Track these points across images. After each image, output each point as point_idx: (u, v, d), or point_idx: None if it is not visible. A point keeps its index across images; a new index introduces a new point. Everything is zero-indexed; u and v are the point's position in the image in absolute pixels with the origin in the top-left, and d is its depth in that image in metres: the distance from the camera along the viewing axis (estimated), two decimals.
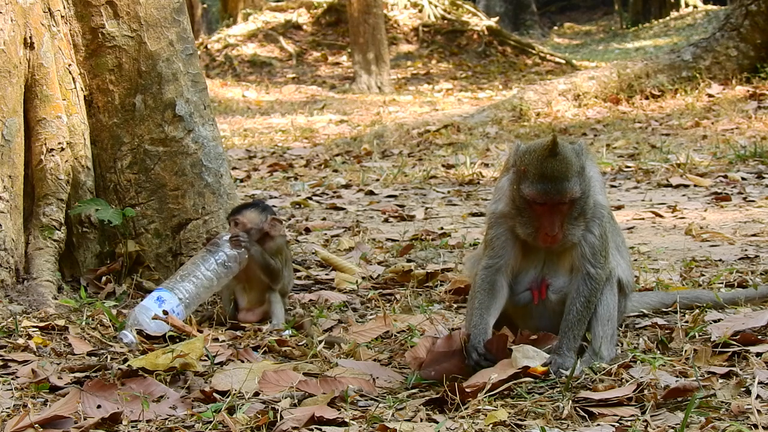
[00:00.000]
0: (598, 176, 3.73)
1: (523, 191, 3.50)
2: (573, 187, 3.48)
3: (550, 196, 3.47)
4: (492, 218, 3.69)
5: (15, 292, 4.47)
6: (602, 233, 3.60)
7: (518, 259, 3.64)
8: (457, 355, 3.48)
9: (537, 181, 3.47)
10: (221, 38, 25.05)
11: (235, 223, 4.48)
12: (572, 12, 39.59)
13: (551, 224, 3.50)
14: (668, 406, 3.13)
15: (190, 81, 5.00)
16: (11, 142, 4.51)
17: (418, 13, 25.55)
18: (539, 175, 3.47)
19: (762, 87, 12.92)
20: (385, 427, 3.01)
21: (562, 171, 3.47)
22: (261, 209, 4.53)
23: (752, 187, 7.87)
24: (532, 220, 3.53)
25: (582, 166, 3.54)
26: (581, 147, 3.60)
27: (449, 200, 8.22)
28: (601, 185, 3.72)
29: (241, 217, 4.48)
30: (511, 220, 3.60)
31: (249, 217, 4.48)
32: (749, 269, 4.99)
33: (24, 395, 3.46)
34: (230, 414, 3.16)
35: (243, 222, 4.47)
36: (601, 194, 3.66)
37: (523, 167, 3.53)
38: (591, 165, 3.68)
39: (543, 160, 3.48)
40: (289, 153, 12.19)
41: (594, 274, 3.58)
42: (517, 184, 3.54)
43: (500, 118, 13.13)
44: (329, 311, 4.63)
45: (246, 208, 4.53)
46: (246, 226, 4.46)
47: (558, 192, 3.47)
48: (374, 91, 20.95)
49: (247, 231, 4.45)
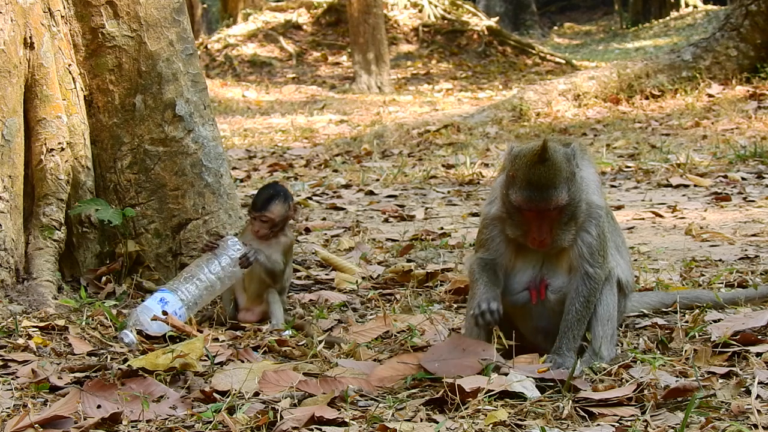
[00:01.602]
0: (594, 176, 3.70)
1: (511, 197, 3.50)
2: (559, 195, 3.46)
3: (536, 203, 3.46)
4: (486, 219, 3.69)
5: (15, 292, 4.47)
6: (599, 233, 3.59)
7: (512, 259, 3.64)
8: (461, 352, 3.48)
9: (524, 187, 3.46)
10: (221, 38, 25.04)
11: (263, 220, 4.41)
12: (572, 12, 39.58)
13: (539, 230, 3.49)
14: (668, 406, 3.13)
15: (190, 81, 5.00)
16: (11, 142, 4.51)
17: (418, 13, 25.54)
18: (526, 182, 3.46)
19: (762, 87, 12.92)
20: (385, 427, 3.01)
21: (550, 178, 3.45)
22: (284, 198, 4.42)
23: (752, 187, 7.87)
24: (521, 224, 3.53)
25: (572, 171, 3.51)
26: (573, 151, 3.57)
27: (449, 200, 8.22)
28: (597, 186, 3.69)
29: (269, 213, 4.39)
30: (503, 222, 3.60)
31: (276, 211, 4.40)
32: (749, 269, 5.00)
33: (24, 395, 3.46)
34: (230, 414, 3.16)
35: (271, 218, 4.40)
36: (596, 195, 3.63)
37: (512, 172, 3.52)
38: (587, 166, 3.66)
39: (531, 166, 3.47)
40: (289, 153, 12.19)
41: (593, 274, 3.57)
42: (506, 188, 3.54)
43: (500, 118, 13.13)
44: (329, 311, 4.63)
45: (271, 202, 4.40)
46: (274, 221, 4.41)
47: (543, 200, 3.45)
48: (374, 91, 20.94)
49: (275, 224, 4.41)
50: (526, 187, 3.46)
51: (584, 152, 3.73)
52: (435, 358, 3.51)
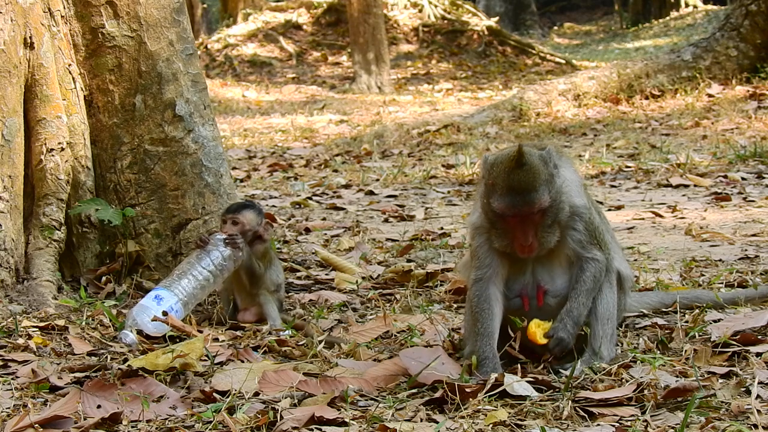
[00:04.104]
0: (574, 177, 3.69)
1: (493, 205, 3.49)
2: (541, 197, 3.46)
3: (519, 208, 3.46)
4: (472, 229, 3.69)
5: (15, 292, 4.47)
6: (586, 226, 3.59)
7: (506, 265, 3.63)
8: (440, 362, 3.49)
9: (505, 194, 3.46)
10: (221, 38, 25.05)
11: (234, 222, 4.46)
12: (572, 12, 39.58)
13: (524, 235, 3.49)
14: (668, 406, 3.13)
15: (190, 81, 5.00)
16: (11, 142, 4.51)
17: (418, 13, 25.54)
18: (507, 188, 3.46)
19: (762, 87, 12.92)
20: (385, 427, 3.01)
21: (529, 182, 3.45)
22: (257, 211, 4.53)
23: (752, 187, 7.87)
24: (506, 231, 3.53)
25: (550, 173, 3.51)
26: (549, 153, 3.55)
27: (449, 200, 8.22)
28: (579, 186, 3.68)
29: (240, 217, 4.46)
30: (487, 232, 3.60)
31: (248, 217, 4.48)
32: (749, 269, 4.99)
33: (24, 395, 3.46)
34: (230, 414, 3.16)
35: (242, 222, 4.46)
36: (578, 196, 3.62)
37: (491, 180, 3.51)
38: (566, 167, 3.65)
39: (509, 172, 3.46)
40: (289, 153, 12.20)
41: (593, 256, 3.58)
42: (486, 197, 3.53)
43: (500, 118, 13.13)
44: (329, 311, 4.63)
45: (244, 208, 4.51)
46: (244, 227, 4.46)
47: (526, 203, 3.45)
48: (374, 91, 20.94)
49: (244, 232, 4.45)
50: (507, 193, 3.46)
51: (561, 154, 3.73)
52: (414, 357, 3.51)
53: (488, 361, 3.48)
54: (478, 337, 3.54)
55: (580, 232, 3.59)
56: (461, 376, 3.40)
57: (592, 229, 3.61)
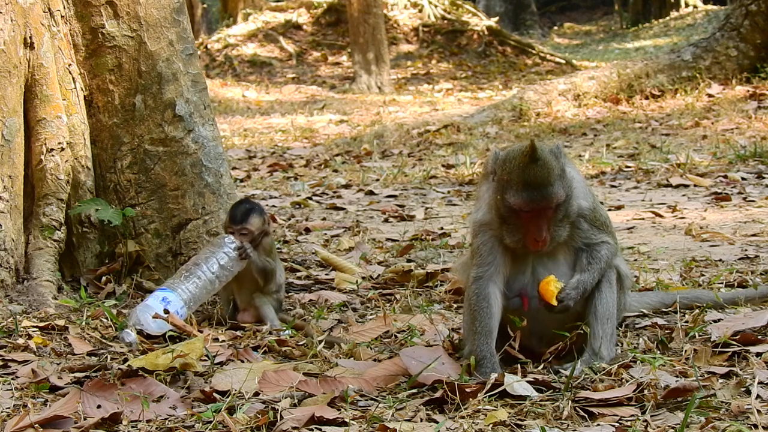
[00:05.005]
0: (579, 177, 3.70)
1: (509, 200, 3.48)
2: (558, 191, 3.47)
3: (537, 202, 3.46)
4: (475, 227, 3.67)
5: (15, 292, 4.47)
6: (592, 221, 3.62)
7: (508, 264, 3.62)
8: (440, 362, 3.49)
9: (521, 189, 3.46)
10: (221, 38, 25.05)
11: (243, 233, 4.45)
12: (572, 12, 39.58)
13: (539, 229, 3.48)
14: (668, 406, 3.13)
15: (190, 81, 5.00)
16: (11, 142, 4.51)
17: (418, 13, 25.54)
18: (523, 183, 3.46)
19: (762, 87, 12.92)
20: (385, 427, 3.01)
21: (545, 176, 3.46)
22: (260, 211, 4.53)
23: (752, 187, 7.87)
24: (518, 227, 3.52)
25: (562, 168, 3.53)
26: (558, 148, 3.58)
27: (449, 200, 8.22)
28: (584, 186, 3.68)
29: (249, 226, 4.44)
30: (496, 229, 3.58)
31: (255, 224, 4.47)
32: (749, 269, 4.99)
33: (24, 395, 3.46)
34: (230, 414, 3.16)
35: (251, 230, 4.45)
36: (584, 199, 3.63)
37: (506, 176, 3.51)
38: (570, 166, 3.67)
39: (525, 167, 3.46)
40: (289, 153, 12.20)
41: (606, 240, 3.61)
42: (500, 193, 3.52)
43: (500, 118, 13.13)
44: (329, 311, 4.63)
45: (249, 215, 4.48)
46: (254, 234, 4.46)
47: (544, 198, 3.46)
48: (374, 91, 20.95)
49: (254, 238, 4.45)
50: (525, 188, 3.45)
51: (564, 153, 3.74)
52: (414, 357, 3.51)
53: (486, 360, 3.48)
54: (476, 335, 3.54)
55: (583, 230, 3.60)
56: (461, 376, 3.40)
57: (600, 223, 3.65)
